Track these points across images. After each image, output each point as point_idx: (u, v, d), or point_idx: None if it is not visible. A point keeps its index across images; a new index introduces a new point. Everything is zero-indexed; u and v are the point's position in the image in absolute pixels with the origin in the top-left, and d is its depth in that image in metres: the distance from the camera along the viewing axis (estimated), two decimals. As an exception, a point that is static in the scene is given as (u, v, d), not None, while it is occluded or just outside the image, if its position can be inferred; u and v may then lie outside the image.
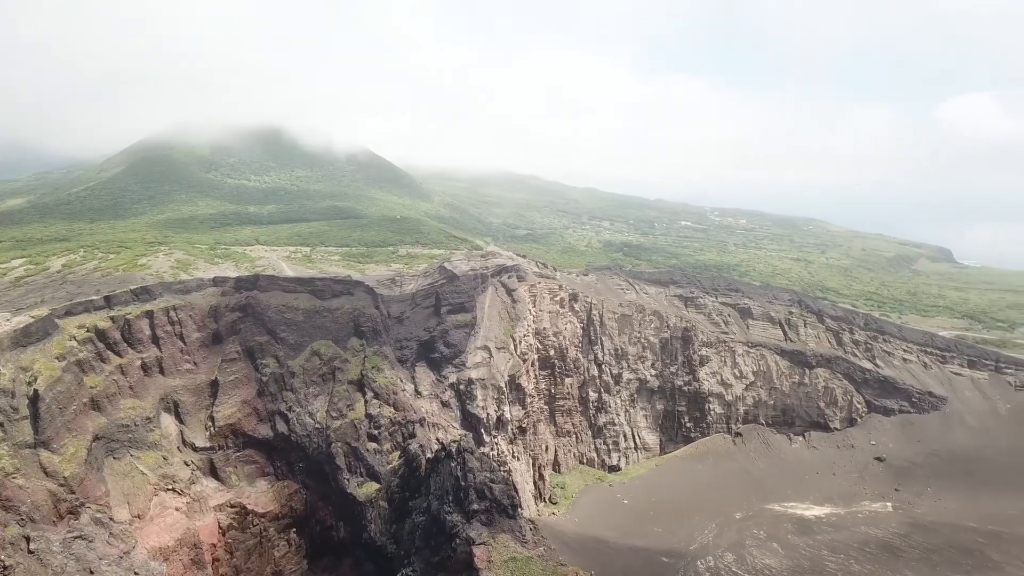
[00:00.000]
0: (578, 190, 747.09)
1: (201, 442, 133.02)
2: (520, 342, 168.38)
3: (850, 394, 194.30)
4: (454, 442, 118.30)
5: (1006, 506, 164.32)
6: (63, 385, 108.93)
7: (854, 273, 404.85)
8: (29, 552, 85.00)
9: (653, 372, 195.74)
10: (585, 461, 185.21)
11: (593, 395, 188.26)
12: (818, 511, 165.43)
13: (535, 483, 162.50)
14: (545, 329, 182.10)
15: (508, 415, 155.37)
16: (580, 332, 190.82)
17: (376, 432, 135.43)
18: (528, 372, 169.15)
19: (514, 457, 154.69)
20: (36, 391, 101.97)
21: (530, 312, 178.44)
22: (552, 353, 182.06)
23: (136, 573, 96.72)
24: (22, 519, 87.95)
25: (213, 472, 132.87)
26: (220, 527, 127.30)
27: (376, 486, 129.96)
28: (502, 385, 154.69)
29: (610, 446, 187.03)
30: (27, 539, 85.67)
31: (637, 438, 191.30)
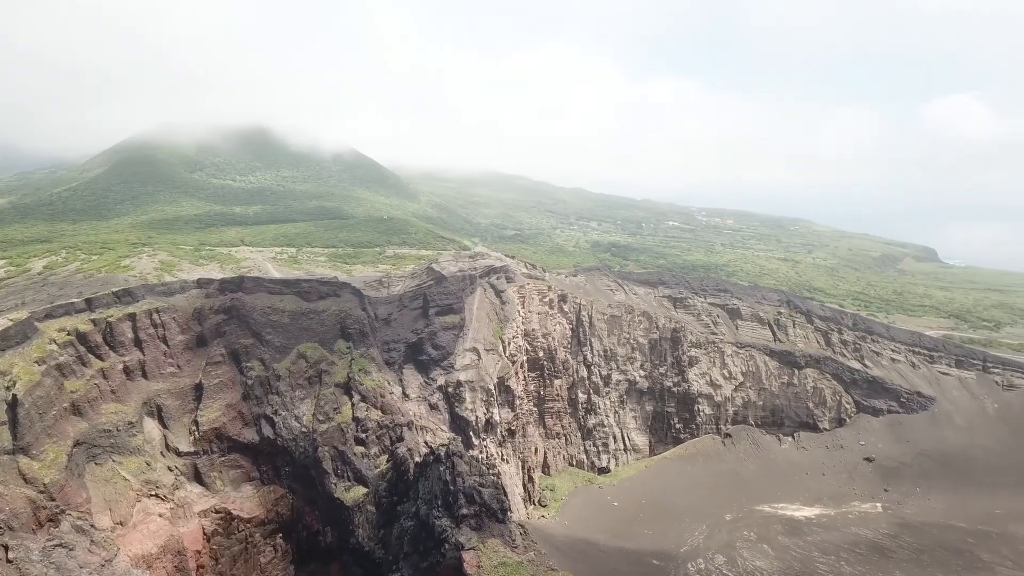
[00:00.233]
0: (566, 190, 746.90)
1: (185, 447, 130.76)
2: (509, 344, 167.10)
3: (839, 394, 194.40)
4: (443, 446, 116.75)
5: (994, 505, 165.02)
6: (43, 389, 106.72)
7: (841, 273, 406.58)
8: (8, 561, 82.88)
9: (642, 373, 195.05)
10: (575, 463, 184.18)
11: (582, 396, 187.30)
12: (808, 512, 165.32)
13: (524, 486, 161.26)
14: (534, 330, 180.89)
15: (497, 417, 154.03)
16: (569, 333, 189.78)
17: (363, 436, 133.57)
18: (517, 374, 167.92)
19: (503, 460, 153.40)
20: (15, 396, 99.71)
21: (519, 313, 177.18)
22: (541, 355, 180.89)
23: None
24: (0, 528, 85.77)
25: (197, 477, 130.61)
26: (205, 533, 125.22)
27: (364, 490, 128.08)
28: (491, 387, 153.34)
29: (599, 448, 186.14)
30: (5, 548, 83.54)
31: (627, 439, 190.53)
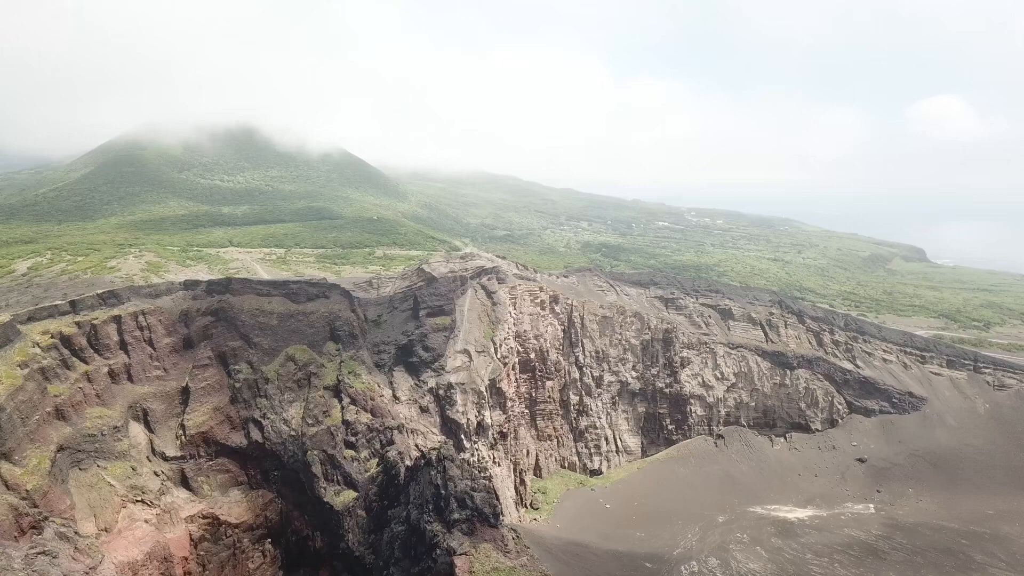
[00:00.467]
0: (556, 191, 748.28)
1: (172, 451, 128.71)
2: (500, 345, 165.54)
3: (831, 395, 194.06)
4: (434, 449, 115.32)
5: (986, 505, 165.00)
6: (25, 394, 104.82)
7: (830, 273, 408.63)
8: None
9: (634, 374, 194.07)
10: (567, 465, 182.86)
11: (574, 398, 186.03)
12: (801, 513, 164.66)
13: (516, 489, 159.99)
14: (526, 332, 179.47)
15: (488, 420, 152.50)
16: (561, 334, 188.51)
17: (353, 439, 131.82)
18: (509, 376, 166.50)
19: (495, 463, 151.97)
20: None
21: (510, 315, 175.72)
22: (533, 356, 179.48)
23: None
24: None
25: (184, 482, 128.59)
26: (192, 539, 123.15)
27: (354, 494, 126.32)
28: (482, 389, 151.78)
29: (592, 450, 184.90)
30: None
31: (619, 441, 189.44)
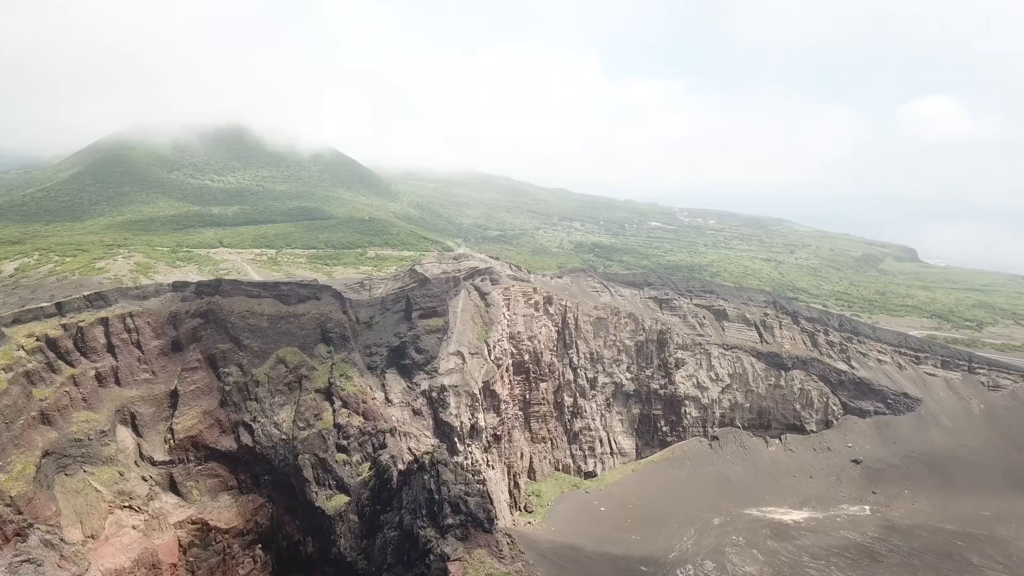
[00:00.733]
0: (548, 191, 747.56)
1: (160, 456, 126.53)
2: (494, 347, 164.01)
3: (826, 396, 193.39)
4: (427, 453, 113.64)
5: (981, 507, 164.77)
6: (9, 398, 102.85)
7: (823, 273, 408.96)
8: (-30, 580, 78.92)
9: (629, 376, 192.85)
10: (561, 468, 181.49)
11: (568, 400, 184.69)
12: (796, 515, 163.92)
13: (510, 492, 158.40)
14: (519, 333, 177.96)
15: (482, 423, 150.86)
16: (555, 336, 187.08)
17: (345, 442, 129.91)
18: (502, 378, 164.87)
19: (489, 466, 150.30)
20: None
21: (504, 316, 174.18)
22: (527, 358, 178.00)
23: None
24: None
25: (173, 487, 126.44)
26: (180, 545, 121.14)
27: (345, 499, 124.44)
28: (476, 392, 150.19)
29: (586, 452, 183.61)
30: (-33, 567, 79.49)
31: (613, 443, 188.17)
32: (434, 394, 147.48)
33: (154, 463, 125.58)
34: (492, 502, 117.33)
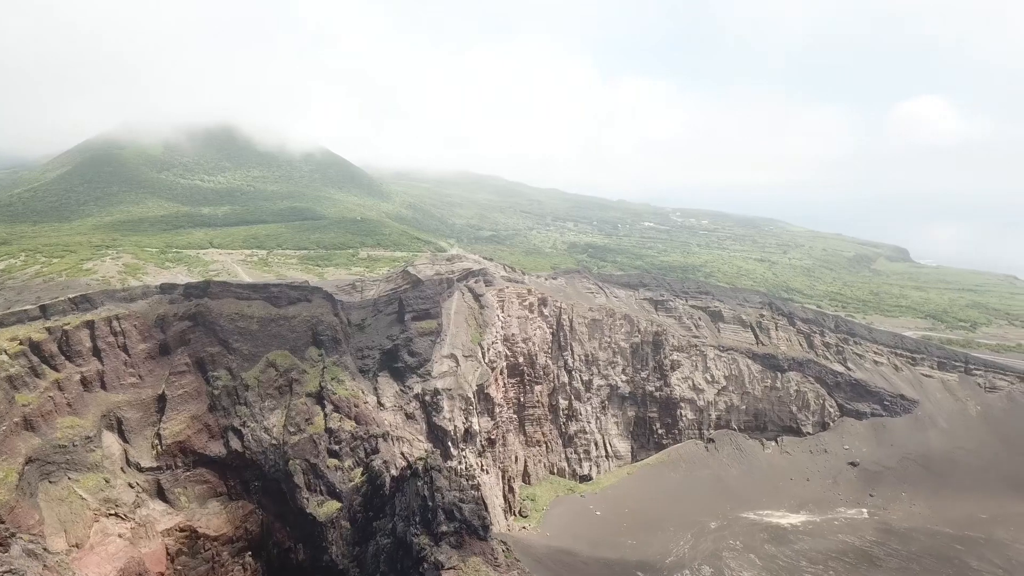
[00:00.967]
0: (541, 191, 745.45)
1: (147, 462, 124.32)
2: (488, 349, 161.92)
3: (822, 398, 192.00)
4: (420, 459, 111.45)
5: (979, 509, 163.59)
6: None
7: (816, 273, 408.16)
8: (-51, 593, 76.43)
9: (624, 378, 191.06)
10: (556, 471, 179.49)
11: (563, 403, 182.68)
12: (794, 519, 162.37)
13: (505, 496, 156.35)
14: (514, 335, 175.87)
15: (476, 427, 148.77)
16: (550, 338, 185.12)
17: (337, 447, 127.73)
18: (497, 381, 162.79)
19: (483, 470, 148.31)
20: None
21: (498, 318, 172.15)
22: (521, 360, 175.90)
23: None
24: (-59, 556, 79.20)
25: (160, 494, 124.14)
26: (168, 553, 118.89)
27: (337, 505, 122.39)
28: (470, 395, 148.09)
29: (581, 455, 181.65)
30: (-54, 578, 77.00)
31: (608, 446, 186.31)
32: (427, 398, 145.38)
33: (141, 469, 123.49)
34: (487, 508, 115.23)
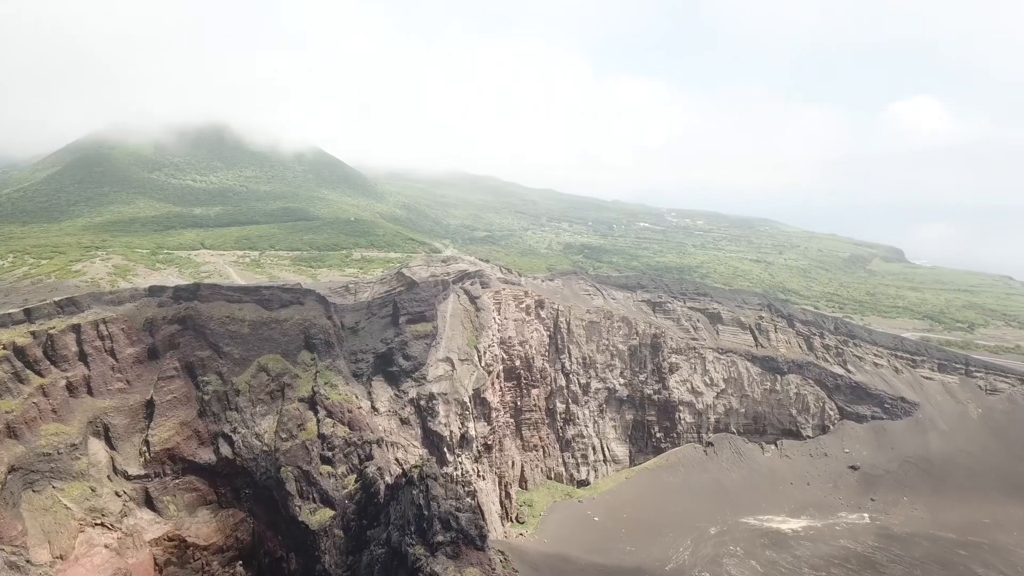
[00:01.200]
0: (536, 191, 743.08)
1: (135, 469, 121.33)
2: (485, 353, 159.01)
3: (822, 401, 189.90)
4: (415, 467, 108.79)
5: (981, 514, 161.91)
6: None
7: (813, 274, 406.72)
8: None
9: (622, 381, 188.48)
10: (553, 476, 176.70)
11: (561, 406, 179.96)
12: (795, 524, 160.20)
13: (501, 502, 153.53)
14: (511, 338, 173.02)
15: (473, 432, 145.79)
16: (547, 340, 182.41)
17: (330, 454, 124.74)
18: (493, 385, 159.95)
19: (479, 476, 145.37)
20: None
21: (495, 321, 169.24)
22: (518, 363, 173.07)
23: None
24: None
25: (148, 502, 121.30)
26: (156, 563, 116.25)
27: (330, 513, 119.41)
28: (466, 400, 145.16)
29: (579, 459, 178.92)
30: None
31: (606, 450, 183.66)
32: (422, 402, 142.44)
33: (128, 477, 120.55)
34: (484, 516, 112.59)
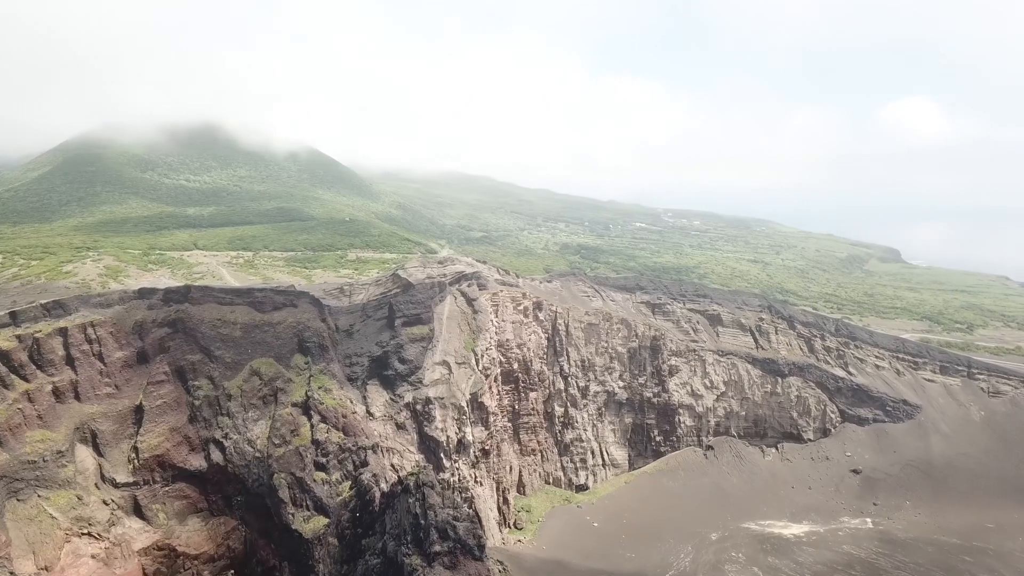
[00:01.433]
0: (532, 191, 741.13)
1: (123, 477, 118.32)
2: (482, 356, 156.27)
3: (823, 403, 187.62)
4: (412, 474, 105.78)
5: (985, 518, 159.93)
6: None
7: (810, 274, 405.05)
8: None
9: (621, 384, 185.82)
10: (551, 481, 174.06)
11: (559, 410, 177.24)
12: (796, 529, 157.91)
13: (499, 508, 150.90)
14: (508, 341, 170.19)
15: (470, 437, 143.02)
16: (545, 343, 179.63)
17: (324, 460, 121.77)
18: (491, 388, 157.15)
19: (476, 482, 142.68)
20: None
21: (492, 323, 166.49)
22: (516, 366, 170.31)
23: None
24: None
25: (137, 511, 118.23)
26: (145, 573, 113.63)
27: (324, 521, 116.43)
28: (463, 404, 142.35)
29: (577, 464, 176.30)
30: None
31: (605, 454, 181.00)
32: (419, 407, 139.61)
33: (116, 485, 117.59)
34: (482, 524, 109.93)
